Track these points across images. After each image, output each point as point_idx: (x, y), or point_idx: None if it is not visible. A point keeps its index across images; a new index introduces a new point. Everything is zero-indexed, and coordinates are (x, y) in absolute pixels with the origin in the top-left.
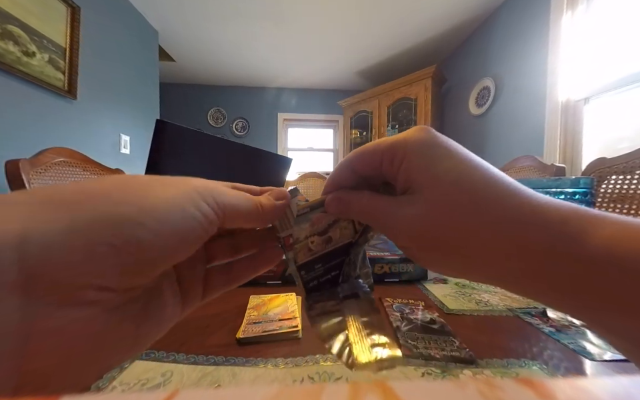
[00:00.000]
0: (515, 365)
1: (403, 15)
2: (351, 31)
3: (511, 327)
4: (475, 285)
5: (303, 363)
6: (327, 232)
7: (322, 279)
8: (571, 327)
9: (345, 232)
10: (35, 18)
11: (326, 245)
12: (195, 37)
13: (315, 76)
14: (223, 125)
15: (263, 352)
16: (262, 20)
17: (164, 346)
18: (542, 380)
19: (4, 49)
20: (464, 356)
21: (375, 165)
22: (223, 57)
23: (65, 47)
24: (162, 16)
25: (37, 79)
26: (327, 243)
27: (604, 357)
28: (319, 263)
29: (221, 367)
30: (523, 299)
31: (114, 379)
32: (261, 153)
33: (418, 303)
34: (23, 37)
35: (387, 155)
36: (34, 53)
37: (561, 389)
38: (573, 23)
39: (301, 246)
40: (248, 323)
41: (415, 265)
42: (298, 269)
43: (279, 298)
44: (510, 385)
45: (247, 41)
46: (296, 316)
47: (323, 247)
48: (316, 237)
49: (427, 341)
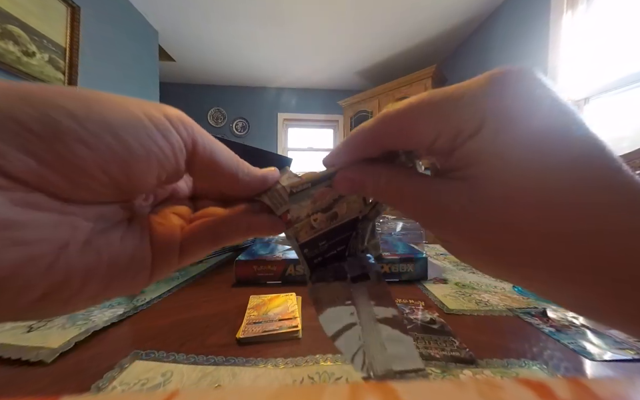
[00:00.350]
0: (515, 365)
1: (403, 14)
2: (350, 31)
3: (511, 327)
4: (475, 284)
5: (303, 363)
6: (331, 208)
7: (327, 254)
8: (571, 327)
9: (353, 206)
10: (34, 18)
11: (331, 222)
12: (195, 36)
13: (315, 76)
14: (223, 124)
15: (263, 352)
16: (262, 20)
17: (164, 346)
18: (542, 380)
19: (4, 49)
20: (464, 356)
21: (420, 140)
22: (223, 57)
23: (65, 46)
24: (162, 16)
25: (36, 79)
26: (332, 219)
27: (604, 357)
28: (323, 240)
29: (221, 367)
30: (523, 298)
31: (114, 379)
32: (261, 152)
33: (418, 303)
34: (22, 36)
35: (448, 128)
36: (34, 53)
37: (560, 389)
38: (573, 23)
39: (302, 224)
40: (248, 322)
41: (415, 264)
42: (300, 247)
43: (278, 298)
44: (510, 385)
45: (247, 40)
46: (296, 316)
47: (328, 224)
48: (319, 214)
49: (426, 341)
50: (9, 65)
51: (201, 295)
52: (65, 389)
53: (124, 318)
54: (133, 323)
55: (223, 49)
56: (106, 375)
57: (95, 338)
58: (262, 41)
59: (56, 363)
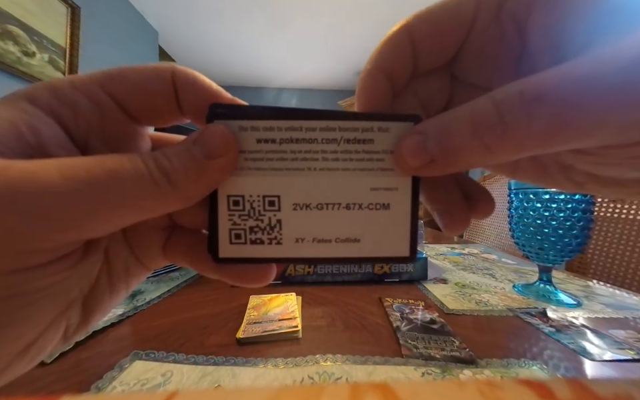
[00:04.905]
0: (515, 365)
1: (404, 14)
2: (351, 31)
3: (511, 327)
4: (475, 284)
5: (303, 363)
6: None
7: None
8: (571, 327)
9: None
10: (34, 18)
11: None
12: (195, 36)
13: (315, 76)
14: None
15: (263, 352)
16: (262, 20)
17: (164, 346)
18: (542, 380)
19: (4, 49)
20: (464, 356)
21: (454, 31)
22: (223, 57)
23: (65, 47)
24: (162, 16)
25: (37, 79)
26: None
27: (604, 357)
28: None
29: (221, 367)
30: (523, 298)
31: (114, 379)
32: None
33: (418, 303)
34: (22, 37)
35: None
36: (34, 53)
37: (560, 389)
38: None
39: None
40: (248, 323)
41: (415, 265)
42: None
43: (279, 298)
44: (510, 385)
45: (247, 40)
46: (296, 316)
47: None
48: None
49: (426, 340)
50: (9, 65)
51: (201, 294)
52: (65, 388)
53: (124, 318)
54: (133, 323)
55: (223, 49)
56: (106, 375)
57: (95, 338)
58: (262, 41)
59: (56, 363)
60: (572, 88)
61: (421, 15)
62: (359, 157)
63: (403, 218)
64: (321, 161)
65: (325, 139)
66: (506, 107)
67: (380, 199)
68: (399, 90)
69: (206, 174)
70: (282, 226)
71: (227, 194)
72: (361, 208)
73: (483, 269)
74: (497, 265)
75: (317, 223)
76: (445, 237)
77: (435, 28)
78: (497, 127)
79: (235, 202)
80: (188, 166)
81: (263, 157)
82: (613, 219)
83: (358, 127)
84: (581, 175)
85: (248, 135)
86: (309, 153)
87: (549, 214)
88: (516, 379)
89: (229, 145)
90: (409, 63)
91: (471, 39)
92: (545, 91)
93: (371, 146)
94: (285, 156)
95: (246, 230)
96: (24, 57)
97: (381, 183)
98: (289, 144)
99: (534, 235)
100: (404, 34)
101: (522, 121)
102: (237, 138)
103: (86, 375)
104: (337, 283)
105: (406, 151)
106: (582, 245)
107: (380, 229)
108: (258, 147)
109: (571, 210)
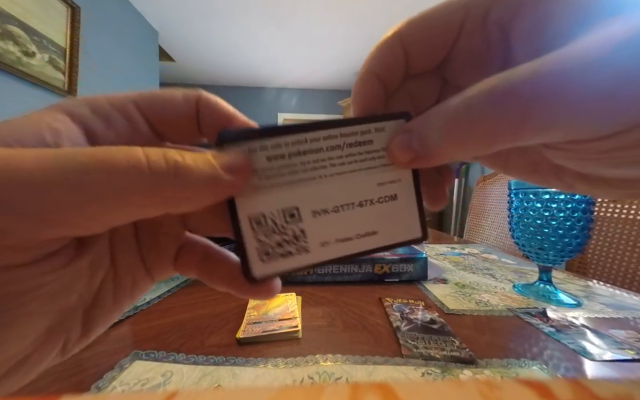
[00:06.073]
0: (515, 365)
1: (403, 14)
2: (350, 31)
3: (511, 327)
4: (475, 285)
5: (303, 363)
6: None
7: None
8: (571, 327)
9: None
10: (35, 18)
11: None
12: (195, 37)
13: (315, 76)
14: None
15: (263, 352)
16: (262, 20)
17: (164, 346)
18: (542, 380)
19: (4, 49)
20: (464, 356)
21: (443, 37)
22: (223, 57)
23: (65, 47)
24: (162, 16)
25: (36, 79)
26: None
27: (604, 357)
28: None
29: (221, 367)
30: (523, 298)
31: (114, 379)
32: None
33: (418, 303)
34: (22, 37)
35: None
36: (34, 53)
37: (560, 389)
38: None
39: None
40: (248, 323)
41: (415, 265)
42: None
43: (278, 298)
44: (510, 385)
45: (246, 41)
46: (296, 316)
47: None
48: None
49: (427, 340)
50: (9, 65)
51: (200, 295)
52: (65, 388)
53: (124, 318)
54: (133, 323)
55: (223, 49)
56: (106, 375)
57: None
58: (262, 41)
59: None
60: (538, 84)
61: (412, 21)
62: (362, 157)
63: (410, 204)
64: (329, 168)
65: (329, 147)
66: (475, 103)
67: (387, 191)
68: (391, 92)
69: (218, 181)
70: (306, 234)
71: (248, 216)
72: (372, 203)
73: (483, 269)
74: (497, 264)
75: (337, 225)
76: (445, 237)
77: (425, 33)
78: (464, 122)
79: (257, 222)
80: (201, 164)
81: (275, 173)
82: (613, 219)
83: (357, 131)
84: (569, 174)
85: (258, 155)
86: (317, 162)
87: (549, 214)
88: (516, 379)
89: (245, 160)
90: (400, 66)
91: (460, 44)
92: (512, 87)
93: (371, 146)
94: (296, 168)
95: (273, 246)
96: (24, 57)
97: (385, 177)
98: (298, 157)
99: (534, 235)
100: (396, 39)
101: (488, 116)
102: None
103: (86, 374)
104: (336, 283)
105: (395, 149)
106: (582, 244)
107: (392, 218)
108: (269, 164)
109: (571, 210)
